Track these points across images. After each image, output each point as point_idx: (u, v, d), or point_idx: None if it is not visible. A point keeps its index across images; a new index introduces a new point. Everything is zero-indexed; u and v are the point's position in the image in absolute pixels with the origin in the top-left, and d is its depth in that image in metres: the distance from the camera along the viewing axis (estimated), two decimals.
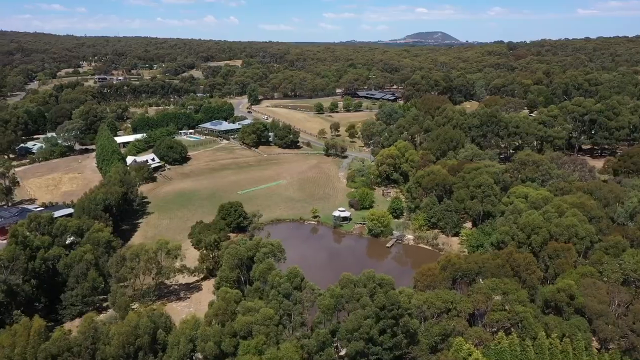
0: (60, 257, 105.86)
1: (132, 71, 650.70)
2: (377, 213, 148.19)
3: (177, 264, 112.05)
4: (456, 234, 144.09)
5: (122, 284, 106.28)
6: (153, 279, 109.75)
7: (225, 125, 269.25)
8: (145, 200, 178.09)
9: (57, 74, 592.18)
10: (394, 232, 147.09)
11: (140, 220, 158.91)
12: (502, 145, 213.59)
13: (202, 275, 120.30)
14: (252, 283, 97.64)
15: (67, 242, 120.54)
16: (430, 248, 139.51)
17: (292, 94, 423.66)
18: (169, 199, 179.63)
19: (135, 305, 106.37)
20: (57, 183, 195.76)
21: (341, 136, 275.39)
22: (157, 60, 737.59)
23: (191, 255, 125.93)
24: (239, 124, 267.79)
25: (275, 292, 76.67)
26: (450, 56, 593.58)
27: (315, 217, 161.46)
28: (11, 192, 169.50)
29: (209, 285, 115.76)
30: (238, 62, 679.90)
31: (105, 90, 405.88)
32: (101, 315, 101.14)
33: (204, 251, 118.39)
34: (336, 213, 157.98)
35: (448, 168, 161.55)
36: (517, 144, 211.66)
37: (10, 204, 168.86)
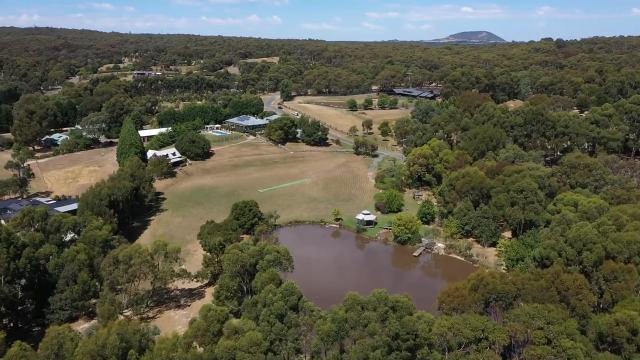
0: (51, 256, 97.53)
1: (171, 67, 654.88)
2: (405, 218, 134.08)
3: (177, 268, 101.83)
4: (493, 245, 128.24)
5: (117, 288, 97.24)
6: (151, 283, 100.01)
7: (252, 121, 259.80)
8: (160, 196, 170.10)
9: (99, 69, 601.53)
10: (422, 239, 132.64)
11: (152, 218, 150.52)
12: (549, 147, 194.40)
13: (206, 281, 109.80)
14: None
15: (68, 239, 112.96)
16: (462, 259, 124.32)
17: (327, 90, 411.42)
18: (185, 195, 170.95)
19: (127, 313, 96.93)
20: (75, 176, 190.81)
21: (373, 134, 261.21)
22: (195, 57, 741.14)
23: (200, 258, 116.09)
24: (266, 119, 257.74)
25: (267, 311, 64.65)
26: (494, 53, 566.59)
27: (337, 219, 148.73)
28: (26, 184, 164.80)
29: (212, 292, 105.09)
30: (275, 59, 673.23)
31: (139, 85, 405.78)
32: (88, 323, 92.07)
33: (208, 254, 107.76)
34: (360, 216, 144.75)
35: (486, 170, 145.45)
36: (566, 146, 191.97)
37: (24, 196, 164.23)
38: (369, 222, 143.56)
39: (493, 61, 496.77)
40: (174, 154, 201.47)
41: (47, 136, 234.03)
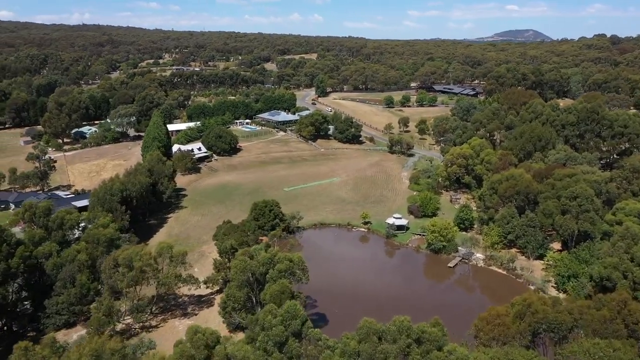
0: (50, 255, 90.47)
1: (209, 63, 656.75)
2: (440, 223, 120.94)
3: (184, 273, 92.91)
4: (540, 257, 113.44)
5: (118, 293, 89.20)
6: (157, 289, 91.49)
7: (283, 116, 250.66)
8: (182, 192, 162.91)
9: (139, 64, 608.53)
10: (459, 248, 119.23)
11: (170, 215, 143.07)
12: (604, 149, 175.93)
13: (216, 288, 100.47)
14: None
15: (76, 236, 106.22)
16: (504, 273, 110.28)
17: (363, 86, 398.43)
18: (207, 192, 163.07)
19: (128, 320, 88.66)
20: (99, 169, 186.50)
21: (410, 132, 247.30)
22: (234, 53, 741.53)
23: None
24: (297, 115, 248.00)
25: (265, 337, 54.15)
26: (541, 50, 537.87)
27: (365, 223, 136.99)
28: (47, 177, 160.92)
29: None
30: (313, 56, 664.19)
31: (175, 80, 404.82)
32: (86, 330, 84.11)
33: (219, 258, 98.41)
34: (391, 220, 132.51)
35: (533, 173, 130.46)
36: (624, 148, 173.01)
37: (45, 189, 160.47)
38: (400, 227, 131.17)
39: (541, 58, 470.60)
40: (199, 149, 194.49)
41: (77, 129, 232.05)
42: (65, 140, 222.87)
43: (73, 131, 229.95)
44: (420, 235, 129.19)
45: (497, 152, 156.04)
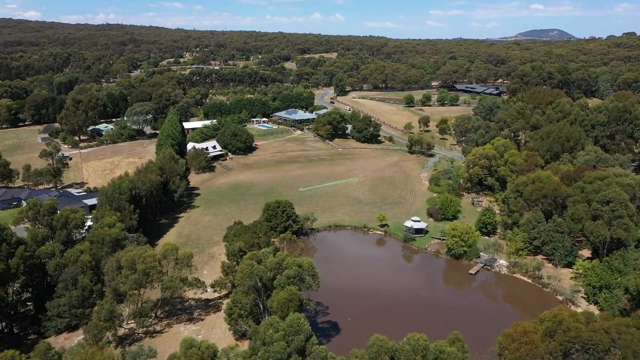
0: (53, 255, 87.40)
1: (229, 62, 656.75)
2: (461, 227, 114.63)
3: (191, 276, 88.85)
4: (568, 265, 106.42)
5: (122, 296, 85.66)
6: (161, 292, 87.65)
7: (300, 115, 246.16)
8: (195, 191, 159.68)
9: (160, 63, 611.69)
10: (481, 254, 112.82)
11: (181, 215, 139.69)
12: (636, 150, 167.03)
13: (225, 291, 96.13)
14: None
15: (83, 235, 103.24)
16: (529, 281, 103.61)
17: (383, 85, 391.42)
18: (220, 191, 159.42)
19: (131, 325, 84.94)
20: (114, 167, 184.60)
21: (431, 132, 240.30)
22: (254, 52, 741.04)
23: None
24: (315, 113, 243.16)
25: (265, 353, 49.37)
26: (568, 49, 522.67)
27: (382, 225, 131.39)
28: (60, 174, 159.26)
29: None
30: (334, 55, 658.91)
31: (194, 78, 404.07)
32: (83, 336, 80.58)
33: (227, 261, 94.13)
34: (409, 223, 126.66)
35: (561, 175, 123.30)
36: None
37: (57, 187, 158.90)
38: (418, 231, 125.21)
39: (567, 57, 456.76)
40: (214, 147, 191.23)
41: (94, 126, 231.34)
42: (81, 137, 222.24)
43: (90, 128, 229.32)
44: (439, 239, 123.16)
45: (522, 153, 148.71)
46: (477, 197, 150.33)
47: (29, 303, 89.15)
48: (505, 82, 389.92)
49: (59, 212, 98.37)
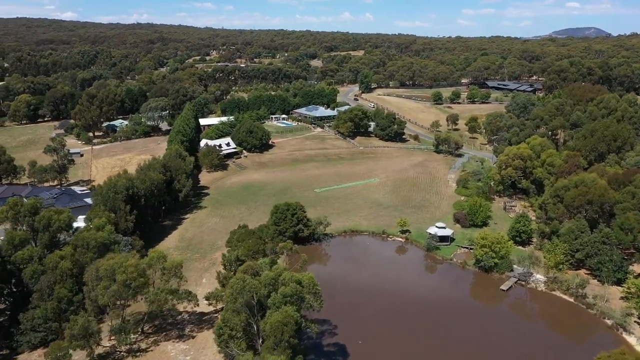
0: (31, 260, 78.69)
1: (255, 60, 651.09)
2: (492, 236, 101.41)
3: (182, 288, 78.74)
4: (618, 283, 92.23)
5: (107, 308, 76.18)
6: (147, 306, 77.79)
7: (321, 111, 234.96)
8: (204, 191, 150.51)
9: (186, 61, 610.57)
10: (514, 267, 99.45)
11: (186, 216, 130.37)
12: None
13: (221, 305, 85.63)
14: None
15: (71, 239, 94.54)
16: (571, 300, 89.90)
17: (410, 82, 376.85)
18: (231, 191, 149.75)
19: (113, 343, 75.31)
20: (124, 164, 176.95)
21: (459, 130, 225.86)
22: (280, 50, 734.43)
23: None
24: (336, 110, 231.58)
25: None
26: (608, 44, 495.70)
27: (403, 231, 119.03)
28: (65, 171, 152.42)
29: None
30: (361, 53, 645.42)
31: (217, 75, 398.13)
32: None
33: (223, 271, 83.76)
34: (433, 229, 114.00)
35: (608, 178, 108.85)
36: None
37: (62, 184, 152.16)
38: (443, 238, 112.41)
39: (607, 52, 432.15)
40: (228, 144, 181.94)
41: (110, 122, 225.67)
42: (96, 133, 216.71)
43: (105, 124, 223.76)
44: (467, 248, 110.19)
45: (562, 153, 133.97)
46: (510, 202, 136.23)
47: (7, 313, 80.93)
48: (540, 78, 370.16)
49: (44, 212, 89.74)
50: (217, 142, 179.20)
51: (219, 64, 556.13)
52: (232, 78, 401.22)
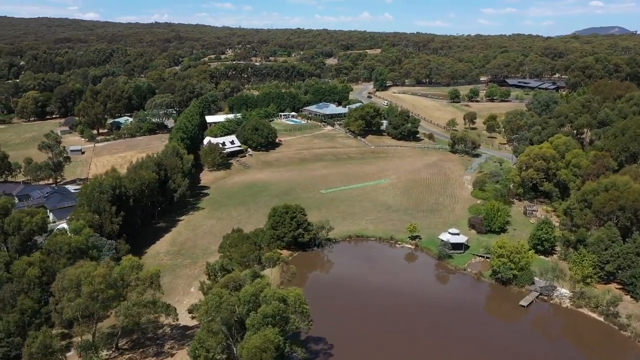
0: None
1: (270, 58, 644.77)
2: (511, 244, 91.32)
3: (160, 299, 70.67)
4: None
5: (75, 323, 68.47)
6: (119, 321, 69.77)
7: (332, 109, 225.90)
8: (204, 191, 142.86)
9: (202, 59, 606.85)
10: (536, 280, 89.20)
11: (182, 218, 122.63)
12: None
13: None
14: None
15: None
16: (601, 320, 79.46)
17: (427, 80, 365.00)
18: (232, 192, 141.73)
19: None
20: (125, 162, 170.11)
21: (477, 130, 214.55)
22: (296, 48, 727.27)
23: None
24: (347, 108, 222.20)
25: None
26: (635, 41, 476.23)
27: (413, 237, 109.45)
28: (60, 169, 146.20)
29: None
30: (377, 51, 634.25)
31: (229, 72, 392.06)
32: None
33: (207, 281, 75.40)
34: (445, 236, 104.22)
35: None
36: None
37: (57, 182, 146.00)
38: (456, 246, 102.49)
39: (635, 49, 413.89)
40: (232, 142, 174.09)
41: (115, 119, 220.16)
42: (100, 130, 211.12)
43: (110, 121, 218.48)
44: (482, 257, 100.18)
45: (589, 153, 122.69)
46: (531, 206, 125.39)
47: None
48: (563, 76, 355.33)
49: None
50: (220, 139, 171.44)
51: (234, 62, 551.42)
52: (245, 76, 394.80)
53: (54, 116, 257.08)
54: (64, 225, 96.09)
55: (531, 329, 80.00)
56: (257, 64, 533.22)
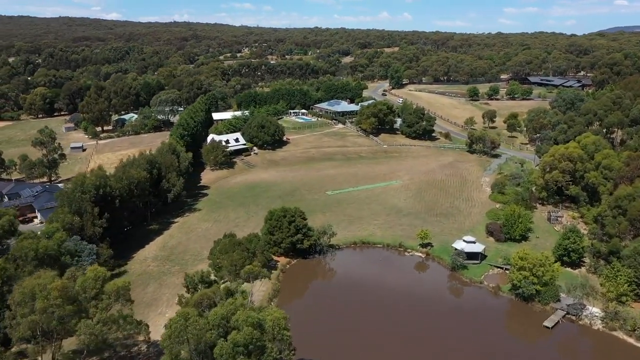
0: None
1: (286, 56, 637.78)
2: (533, 256, 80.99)
3: (130, 316, 62.40)
4: None
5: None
6: (81, 341, 61.64)
7: (343, 106, 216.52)
8: (203, 191, 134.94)
9: (218, 57, 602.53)
10: (562, 296, 78.76)
11: (176, 220, 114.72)
12: None
13: None
14: None
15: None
16: (639, 346, 68.72)
17: (445, 78, 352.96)
18: (232, 192, 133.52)
19: None
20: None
21: (497, 129, 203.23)
22: (313, 47, 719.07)
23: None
24: (360, 105, 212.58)
25: None
26: None
27: (424, 245, 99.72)
28: (55, 166, 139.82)
29: None
30: (395, 49, 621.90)
31: (242, 70, 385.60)
32: None
33: (186, 294, 66.89)
34: (459, 244, 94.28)
35: None
36: None
37: (52, 180, 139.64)
38: (472, 255, 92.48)
39: None
40: (236, 140, 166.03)
41: (120, 115, 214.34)
42: (105, 127, 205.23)
43: (115, 118, 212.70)
44: (501, 268, 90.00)
45: (621, 154, 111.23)
46: (556, 212, 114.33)
47: None
48: (588, 74, 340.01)
49: None
50: (224, 137, 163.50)
51: (250, 60, 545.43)
52: (258, 74, 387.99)
53: (62, 113, 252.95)
54: None
55: (557, 355, 69.72)
56: (272, 62, 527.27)
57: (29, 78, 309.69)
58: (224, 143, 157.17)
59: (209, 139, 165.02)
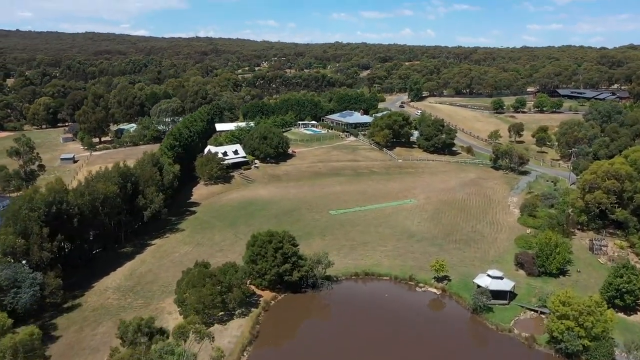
0: None
1: (305, 70, 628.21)
2: (579, 301, 63.46)
3: None
4: None
5: None
6: None
7: (356, 117, 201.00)
8: (192, 208, 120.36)
9: (236, 71, 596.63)
10: (617, 354, 60.81)
11: (154, 241, 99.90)
12: None
13: None
14: None
15: None
16: None
17: (467, 91, 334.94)
18: (224, 210, 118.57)
19: None
20: None
21: (525, 143, 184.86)
22: (332, 61, 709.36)
23: (175, 325, 61.92)
24: (373, 116, 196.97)
25: None
26: None
27: (440, 278, 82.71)
28: (33, 179, 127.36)
29: None
30: (416, 64, 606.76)
31: (257, 82, 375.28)
32: None
33: (121, 347, 51.29)
34: (483, 279, 77.04)
35: None
36: None
37: None
38: (499, 294, 75.11)
39: None
40: (235, 152, 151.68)
41: (119, 126, 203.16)
42: (103, 138, 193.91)
43: (115, 128, 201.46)
44: (536, 312, 72.42)
45: None
46: (599, 239, 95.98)
47: None
48: (622, 87, 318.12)
49: None
50: (222, 149, 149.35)
51: (268, 73, 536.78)
52: (274, 86, 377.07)
53: (66, 123, 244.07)
54: None
55: None
56: (289, 74, 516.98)
57: (34, 87, 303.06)
58: (220, 155, 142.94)
59: (205, 150, 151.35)
